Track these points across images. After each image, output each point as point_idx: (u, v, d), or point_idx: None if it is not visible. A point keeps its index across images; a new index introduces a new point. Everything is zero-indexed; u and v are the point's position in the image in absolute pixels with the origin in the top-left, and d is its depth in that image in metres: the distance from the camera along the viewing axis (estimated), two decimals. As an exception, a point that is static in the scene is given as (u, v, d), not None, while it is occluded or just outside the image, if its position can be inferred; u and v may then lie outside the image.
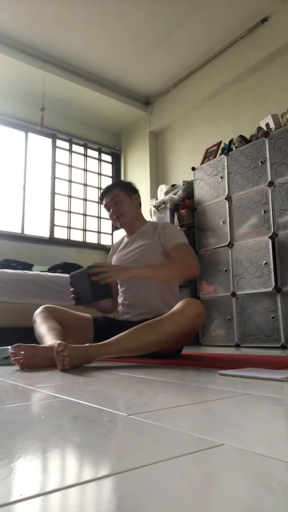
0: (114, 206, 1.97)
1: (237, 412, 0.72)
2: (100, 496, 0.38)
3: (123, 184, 2.07)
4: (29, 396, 0.91)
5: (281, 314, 2.68)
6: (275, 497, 0.36)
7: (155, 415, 0.68)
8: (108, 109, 4.51)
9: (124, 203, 1.97)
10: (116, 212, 1.97)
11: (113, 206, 1.97)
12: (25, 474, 0.43)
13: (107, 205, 2.00)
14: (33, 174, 4.28)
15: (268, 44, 3.37)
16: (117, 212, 1.97)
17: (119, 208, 1.97)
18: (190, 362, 1.60)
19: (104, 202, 2.02)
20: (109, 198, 1.98)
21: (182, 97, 4.22)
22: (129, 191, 2.02)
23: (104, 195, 2.02)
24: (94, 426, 0.62)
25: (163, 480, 0.40)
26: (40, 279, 3.02)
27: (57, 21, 3.41)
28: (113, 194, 1.97)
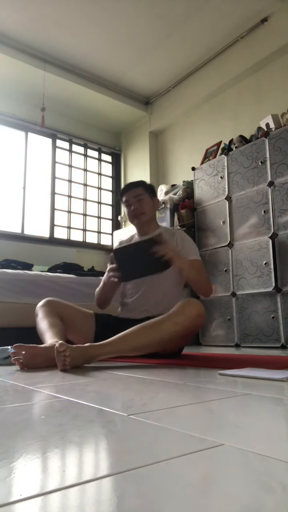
0: (137, 203, 2.00)
1: (237, 412, 0.72)
2: (100, 496, 0.38)
3: (147, 185, 2.10)
4: (29, 396, 0.91)
5: (281, 314, 2.68)
6: (275, 497, 0.36)
7: (155, 415, 0.68)
8: (108, 109, 4.51)
9: (146, 203, 2.02)
10: (138, 210, 2.00)
11: (135, 203, 2.01)
12: (25, 474, 0.43)
13: (128, 201, 2.03)
14: (33, 174, 4.28)
15: (268, 44, 3.37)
16: (139, 210, 2.00)
17: (141, 206, 2.01)
18: (190, 362, 1.60)
19: (126, 197, 2.04)
20: (133, 195, 2.02)
21: (182, 97, 4.22)
22: (151, 193, 2.07)
23: (127, 190, 2.05)
24: (94, 426, 0.62)
25: (163, 480, 0.40)
26: (40, 279, 3.01)
27: (57, 21, 3.41)
28: (137, 192, 2.01)
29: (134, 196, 2.01)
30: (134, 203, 2.00)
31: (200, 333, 3.27)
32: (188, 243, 1.99)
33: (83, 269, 3.63)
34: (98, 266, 4.14)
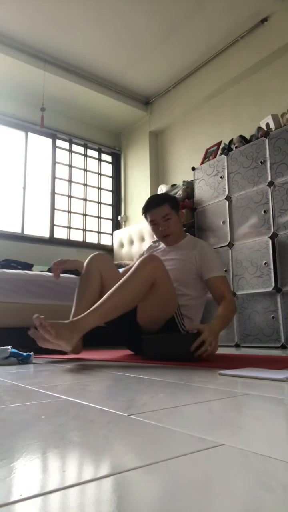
0: (164, 224, 1.94)
1: (237, 412, 0.72)
2: (100, 496, 0.38)
3: (172, 200, 2.00)
4: (29, 396, 0.91)
5: (281, 314, 2.68)
6: (275, 497, 0.36)
7: (155, 415, 0.68)
8: (108, 109, 4.51)
9: (173, 223, 1.95)
10: (166, 232, 1.94)
11: (162, 224, 1.94)
12: (25, 474, 0.43)
13: (154, 220, 1.95)
14: (33, 174, 4.28)
15: (268, 44, 3.37)
16: (167, 232, 1.94)
17: (169, 227, 1.94)
18: (190, 362, 1.60)
19: (151, 217, 1.95)
20: (159, 215, 1.93)
21: (182, 97, 4.22)
22: (177, 208, 1.99)
23: (152, 208, 1.95)
24: (94, 426, 0.62)
25: (163, 480, 0.40)
26: (40, 279, 3.02)
27: (58, 21, 3.41)
28: (163, 212, 1.93)
29: (161, 217, 1.93)
30: (161, 224, 1.93)
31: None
32: (211, 257, 1.90)
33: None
34: (98, 266, 4.13)
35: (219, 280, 1.86)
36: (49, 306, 3.00)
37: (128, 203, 4.85)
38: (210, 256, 1.91)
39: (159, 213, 1.93)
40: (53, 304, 3.02)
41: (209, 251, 1.94)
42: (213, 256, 1.94)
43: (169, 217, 1.93)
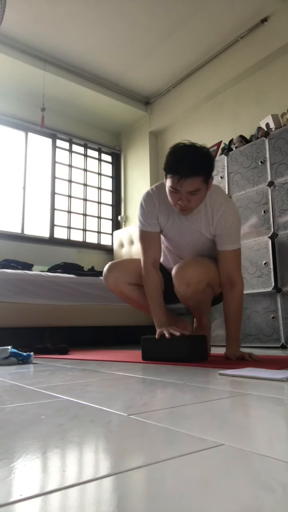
0: (187, 196, 1.59)
1: (237, 412, 0.72)
2: (100, 496, 0.38)
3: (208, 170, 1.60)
4: (29, 396, 0.91)
5: (281, 314, 2.68)
6: (275, 497, 0.36)
7: (155, 415, 0.68)
8: (108, 109, 4.51)
9: (199, 198, 1.62)
10: (187, 207, 1.62)
11: (185, 198, 1.59)
12: (25, 474, 0.43)
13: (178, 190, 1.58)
14: (33, 174, 4.27)
15: (268, 44, 3.37)
16: (188, 207, 1.62)
17: (191, 201, 1.61)
18: (190, 362, 1.60)
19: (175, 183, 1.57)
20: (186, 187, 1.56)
21: (182, 97, 4.22)
22: (210, 180, 1.64)
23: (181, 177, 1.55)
24: (94, 426, 0.62)
25: (163, 480, 0.40)
26: (40, 279, 3.02)
27: (57, 21, 3.41)
28: (194, 185, 1.56)
29: (188, 191, 1.57)
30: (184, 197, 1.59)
31: (200, 333, 3.27)
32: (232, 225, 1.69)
33: (83, 269, 3.64)
34: (98, 266, 4.14)
35: (232, 254, 1.71)
36: (49, 306, 3.00)
37: (128, 203, 4.85)
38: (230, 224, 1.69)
39: (188, 186, 1.56)
40: (53, 304, 3.03)
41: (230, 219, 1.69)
42: (234, 224, 1.71)
43: (196, 193, 1.58)
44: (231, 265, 1.73)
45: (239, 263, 1.76)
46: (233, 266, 1.73)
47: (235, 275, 1.73)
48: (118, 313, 3.33)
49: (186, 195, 1.59)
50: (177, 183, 1.57)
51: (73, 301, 3.13)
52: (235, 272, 1.73)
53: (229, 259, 1.73)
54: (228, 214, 1.71)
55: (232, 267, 1.73)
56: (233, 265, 1.73)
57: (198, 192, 1.59)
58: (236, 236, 1.73)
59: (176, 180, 1.56)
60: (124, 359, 1.84)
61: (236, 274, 1.73)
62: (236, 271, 1.74)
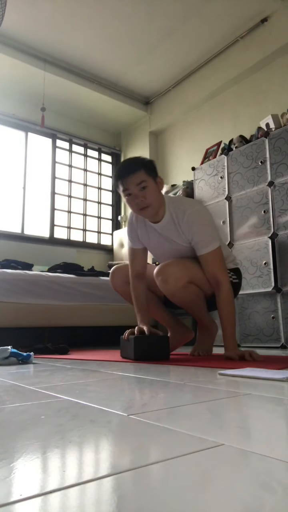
0: (140, 193, 1.65)
1: (237, 412, 0.72)
2: (100, 496, 0.38)
3: (148, 164, 1.70)
4: (29, 396, 0.91)
5: (281, 314, 2.68)
6: (275, 497, 0.36)
7: (155, 415, 0.68)
8: (108, 109, 4.51)
9: (151, 191, 1.66)
10: (143, 203, 1.66)
11: (137, 193, 1.65)
12: (25, 474, 0.43)
13: (128, 190, 1.65)
14: (33, 174, 4.28)
15: (268, 44, 3.37)
16: (144, 203, 1.66)
17: (145, 197, 1.65)
18: (190, 362, 1.60)
19: (125, 185, 1.65)
20: (133, 182, 1.64)
21: (182, 97, 4.22)
22: (154, 174, 1.70)
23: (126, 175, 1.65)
24: (94, 426, 0.62)
25: (163, 480, 0.40)
26: (40, 279, 3.02)
27: (57, 21, 3.41)
28: (139, 178, 1.64)
29: (136, 184, 1.64)
30: (137, 194, 1.65)
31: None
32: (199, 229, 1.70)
33: (83, 269, 3.63)
34: (98, 266, 4.14)
35: (210, 256, 1.73)
36: (49, 306, 3.00)
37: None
38: (198, 228, 1.71)
39: (134, 180, 1.64)
40: (53, 304, 3.03)
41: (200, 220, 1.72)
42: (202, 226, 1.72)
43: (145, 185, 1.64)
44: (211, 266, 1.75)
45: (220, 262, 1.76)
46: (214, 266, 1.75)
47: (218, 274, 1.74)
48: (118, 313, 3.33)
49: (137, 192, 1.66)
50: (125, 183, 1.67)
51: (73, 301, 3.13)
52: (218, 271, 1.74)
53: (208, 261, 1.75)
54: (193, 219, 1.73)
55: (213, 268, 1.75)
56: (214, 265, 1.75)
57: (147, 184, 1.66)
58: (208, 238, 1.74)
59: (123, 182, 1.67)
60: (124, 359, 1.84)
61: (219, 273, 1.74)
62: (218, 270, 1.74)
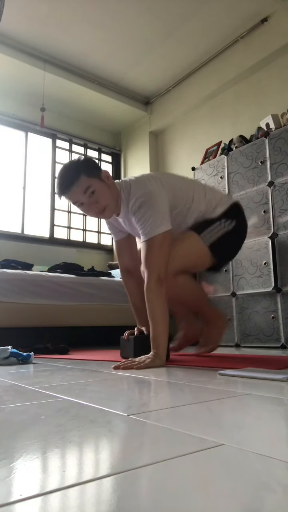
0: (89, 199, 1.56)
1: (237, 412, 0.72)
2: (100, 496, 0.38)
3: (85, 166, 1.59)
4: (29, 396, 0.91)
5: (281, 314, 2.68)
6: (275, 497, 0.36)
7: (155, 415, 0.68)
8: (108, 109, 4.51)
9: (101, 193, 1.57)
10: (98, 208, 1.59)
11: (86, 199, 1.56)
12: (25, 474, 0.43)
13: (78, 201, 1.57)
14: (33, 174, 4.27)
15: (268, 44, 3.37)
16: (99, 208, 1.59)
17: (98, 201, 1.57)
18: (190, 362, 1.60)
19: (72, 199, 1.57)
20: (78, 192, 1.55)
21: (182, 97, 4.22)
22: (96, 172, 1.59)
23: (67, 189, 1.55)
24: (94, 426, 0.62)
25: (163, 480, 0.40)
26: (40, 279, 3.02)
27: (57, 21, 3.41)
28: (82, 186, 1.54)
29: (82, 193, 1.55)
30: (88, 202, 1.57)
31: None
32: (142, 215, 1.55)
33: (83, 269, 3.63)
34: (98, 266, 4.14)
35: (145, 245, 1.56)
36: (49, 306, 3.00)
37: (128, 203, 4.84)
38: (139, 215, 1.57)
39: (78, 190, 1.54)
40: (53, 304, 3.03)
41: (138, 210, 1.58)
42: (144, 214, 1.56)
43: (93, 190, 1.55)
44: (143, 256, 1.58)
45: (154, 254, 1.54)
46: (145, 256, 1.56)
47: (145, 267, 1.56)
48: (118, 313, 3.33)
49: (87, 199, 1.57)
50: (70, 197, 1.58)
51: (73, 301, 3.13)
52: (146, 264, 1.56)
53: (142, 250, 1.59)
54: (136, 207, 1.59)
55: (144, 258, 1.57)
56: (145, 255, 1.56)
57: (93, 188, 1.56)
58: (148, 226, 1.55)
59: (68, 197, 1.58)
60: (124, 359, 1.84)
61: (146, 266, 1.56)
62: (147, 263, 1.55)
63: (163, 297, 1.53)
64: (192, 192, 1.74)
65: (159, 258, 1.55)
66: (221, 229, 1.70)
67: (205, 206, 1.73)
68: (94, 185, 1.56)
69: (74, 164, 1.61)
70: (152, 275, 1.53)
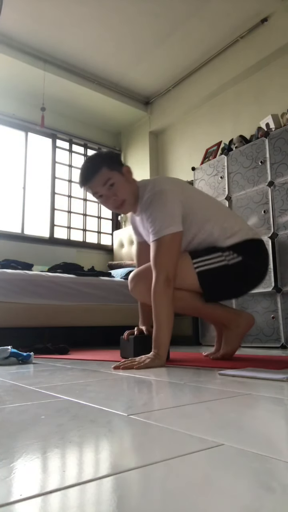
0: (108, 192, 1.60)
1: (237, 412, 0.72)
2: (100, 496, 0.38)
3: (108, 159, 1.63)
4: (29, 396, 0.91)
5: (281, 314, 2.68)
6: (275, 497, 0.36)
7: (155, 415, 0.68)
8: (108, 109, 4.51)
9: (120, 186, 1.60)
10: (116, 201, 1.62)
11: (106, 192, 1.61)
12: (25, 474, 0.43)
13: (97, 193, 1.62)
14: (33, 174, 4.28)
15: (268, 44, 3.37)
16: (117, 201, 1.62)
17: (116, 194, 1.60)
18: (190, 362, 1.60)
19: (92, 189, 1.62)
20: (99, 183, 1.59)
21: (182, 97, 4.22)
22: (118, 166, 1.63)
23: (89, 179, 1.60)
24: (94, 426, 0.62)
25: (163, 480, 0.40)
26: (40, 279, 3.01)
27: (57, 21, 3.41)
28: (103, 178, 1.58)
29: (102, 185, 1.59)
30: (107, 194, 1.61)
31: (200, 333, 3.27)
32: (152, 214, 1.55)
33: (83, 269, 3.63)
34: (98, 266, 4.14)
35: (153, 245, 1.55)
36: (49, 306, 3.00)
37: (128, 203, 4.84)
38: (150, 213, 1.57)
39: (99, 181, 1.59)
40: (53, 304, 3.03)
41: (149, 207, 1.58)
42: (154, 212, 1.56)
43: (112, 182, 1.59)
44: (151, 256, 1.57)
45: (162, 253, 1.53)
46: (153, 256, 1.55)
47: (154, 266, 1.55)
48: (118, 313, 3.33)
49: (107, 192, 1.61)
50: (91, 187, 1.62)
51: (73, 301, 3.13)
52: (154, 263, 1.54)
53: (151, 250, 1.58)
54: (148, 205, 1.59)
55: (152, 258, 1.56)
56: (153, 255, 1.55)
57: (113, 181, 1.59)
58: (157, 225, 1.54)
59: (89, 187, 1.62)
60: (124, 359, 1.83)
61: (154, 265, 1.54)
62: (154, 263, 1.54)
63: (170, 298, 1.51)
64: (210, 214, 1.66)
65: (167, 259, 1.53)
66: (219, 261, 1.59)
67: (218, 234, 1.63)
68: (114, 178, 1.59)
69: (97, 156, 1.66)
70: (160, 275, 1.51)
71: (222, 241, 1.62)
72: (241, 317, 1.70)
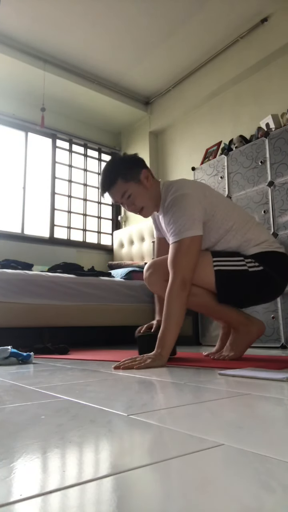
0: (127, 201, 1.65)
1: (237, 412, 0.72)
2: (100, 496, 0.38)
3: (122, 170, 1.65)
4: (29, 396, 0.91)
5: (281, 314, 2.68)
6: (275, 497, 0.36)
7: (155, 415, 0.68)
8: (108, 109, 4.51)
9: (137, 196, 1.64)
10: (135, 209, 1.68)
11: (124, 201, 1.66)
12: (25, 474, 0.43)
13: (117, 201, 1.69)
14: (33, 174, 4.27)
15: (268, 44, 3.37)
16: (136, 209, 1.68)
17: (134, 203, 1.66)
18: (190, 362, 1.60)
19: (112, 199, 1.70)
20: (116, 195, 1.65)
21: (182, 97, 4.22)
22: (135, 175, 1.65)
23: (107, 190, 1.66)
24: (94, 426, 0.62)
25: (163, 480, 0.40)
26: (40, 279, 3.01)
27: (57, 21, 3.41)
28: (119, 191, 1.64)
29: (120, 197, 1.65)
30: (126, 203, 1.67)
31: (200, 333, 3.27)
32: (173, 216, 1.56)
33: (83, 269, 3.63)
34: (98, 266, 4.14)
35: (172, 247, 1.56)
36: (49, 306, 3.00)
37: (128, 203, 4.84)
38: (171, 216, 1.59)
39: (116, 194, 1.65)
40: (53, 304, 3.03)
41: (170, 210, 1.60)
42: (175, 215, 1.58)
43: (129, 194, 1.63)
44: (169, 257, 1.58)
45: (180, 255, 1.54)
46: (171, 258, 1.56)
47: (171, 267, 1.55)
48: (118, 313, 3.33)
49: (125, 201, 1.66)
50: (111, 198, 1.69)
51: (73, 301, 3.13)
52: (171, 264, 1.55)
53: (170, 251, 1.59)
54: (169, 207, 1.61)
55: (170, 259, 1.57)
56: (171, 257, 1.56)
57: (130, 192, 1.64)
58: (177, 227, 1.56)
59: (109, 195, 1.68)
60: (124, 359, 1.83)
61: (171, 266, 1.55)
62: (171, 264, 1.55)
63: (183, 301, 1.50)
64: (232, 223, 1.66)
65: (185, 261, 1.53)
66: (240, 265, 1.60)
67: (239, 243, 1.65)
68: (131, 189, 1.64)
69: (112, 167, 1.67)
70: (177, 278, 1.51)
71: (245, 250, 1.64)
72: (253, 325, 1.68)
